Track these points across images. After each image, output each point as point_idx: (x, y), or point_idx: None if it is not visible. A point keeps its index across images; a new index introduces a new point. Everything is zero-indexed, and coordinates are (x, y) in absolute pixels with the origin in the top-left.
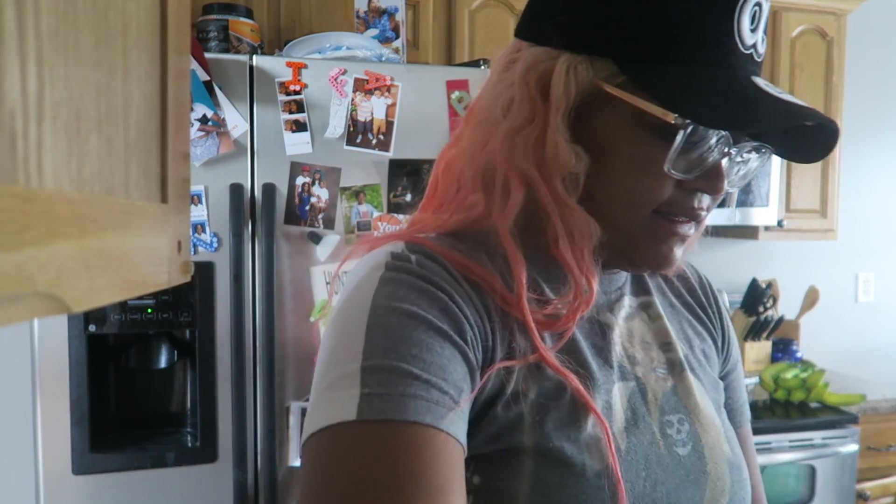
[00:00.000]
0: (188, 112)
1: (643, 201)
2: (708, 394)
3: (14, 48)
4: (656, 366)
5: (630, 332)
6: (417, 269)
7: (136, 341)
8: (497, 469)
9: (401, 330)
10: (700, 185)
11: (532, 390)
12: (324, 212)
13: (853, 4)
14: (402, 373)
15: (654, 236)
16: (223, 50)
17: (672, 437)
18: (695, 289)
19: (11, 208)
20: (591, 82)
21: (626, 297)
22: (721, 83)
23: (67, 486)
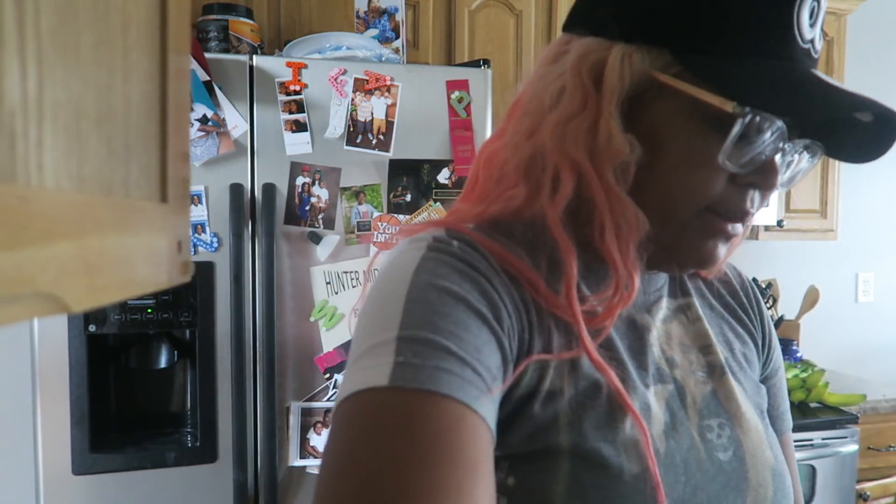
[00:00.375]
0: (188, 112)
1: (696, 195)
2: (749, 398)
3: (14, 48)
4: (696, 369)
5: (668, 335)
6: (459, 252)
7: (136, 341)
8: (533, 470)
9: (440, 306)
10: (753, 179)
11: (569, 389)
12: (324, 212)
13: (853, 4)
14: (439, 346)
15: (702, 233)
16: (223, 50)
17: (712, 441)
18: (736, 290)
19: (11, 208)
20: (645, 72)
21: (664, 298)
22: (781, 73)
23: (67, 486)
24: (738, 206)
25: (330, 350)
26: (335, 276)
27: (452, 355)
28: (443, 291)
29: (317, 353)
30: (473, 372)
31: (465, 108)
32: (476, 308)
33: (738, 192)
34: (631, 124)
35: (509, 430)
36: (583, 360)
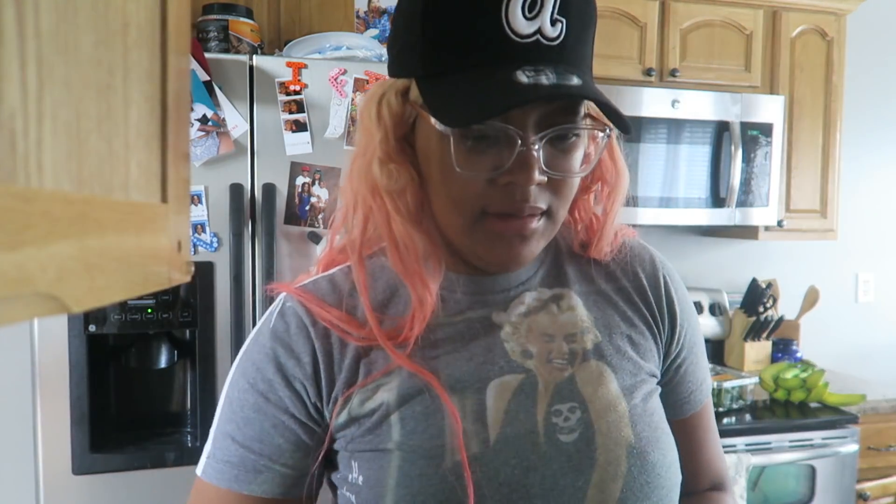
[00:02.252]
0: (188, 112)
1: (462, 202)
2: (619, 380)
3: (14, 48)
4: (554, 357)
5: (528, 328)
6: (274, 328)
7: (136, 341)
8: (372, 467)
9: (237, 405)
10: (509, 178)
11: (393, 397)
12: (324, 212)
13: (853, 4)
14: (229, 441)
15: (487, 237)
16: (223, 50)
17: (558, 425)
18: (636, 274)
19: (11, 208)
20: (404, 104)
21: (529, 293)
22: (469, 83)
23: (67, 486)
24: (507, 204)
25: None
26: None
27: (239, 446)
28: (240, 387)
29: None
30: (255, 455)
31: None
32: (265, 397)
33: (502, 192)
34: (414, 151)
35: (351, 443)
36: (403, 372)
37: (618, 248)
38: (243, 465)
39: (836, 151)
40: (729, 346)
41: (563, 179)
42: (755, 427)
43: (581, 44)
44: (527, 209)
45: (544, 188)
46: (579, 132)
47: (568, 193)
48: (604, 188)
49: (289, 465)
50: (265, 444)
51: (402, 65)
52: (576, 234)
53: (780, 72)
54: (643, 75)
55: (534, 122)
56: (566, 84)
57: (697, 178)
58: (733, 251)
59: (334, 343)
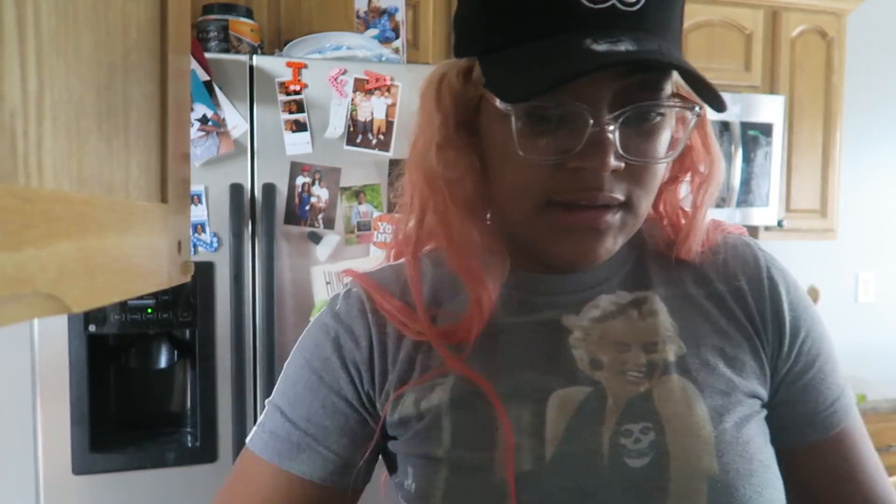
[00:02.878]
0: (188, 112)
1: (523, 192)
2: (704, 399)
3: (14, 48)
4: (629, 369)
5: (601, 334)
6: (337, 314)
7: (136, 341)
8: (423, 476)
9: (294, 381)
10: (579, 162)
11: (447, 399)
12: (324, 212)
13: (853, 4)
14: (279, 415)
15: (553, 230)
16: (223, 50)
17: (626, 446)
18: (734, 277)
19: (11, 208)
20: (466, 84)
21: (605, 295)
22: (533, 54)
23: (67, 486)
24: (577, 192)
25: None
26: (335, 276)
27: (286, 421)
28: (296, 363)
29: None
30: (300, 432)
31: None
32: (319, 375)
33: (571, 178)
34: (478, 138)
35: (405, 445)
36: (456, 375)
37: (713, 247)
38: (288, 441)
39: (836, 151)
40: None
41: (645, 166)
42: None
43: (666, 9)
44: (600, 199)
45: (622, 176)
46: (664, 111)
47: (650, 183)
48: (694, 178)
49: (332, 450)
50: (312, 424)
51: (464, 42)
52: (661, 231)
53: (780, 72)
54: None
55: (609, 100)
56: (646, 51)
57: None
58: None
59: (390, 334)
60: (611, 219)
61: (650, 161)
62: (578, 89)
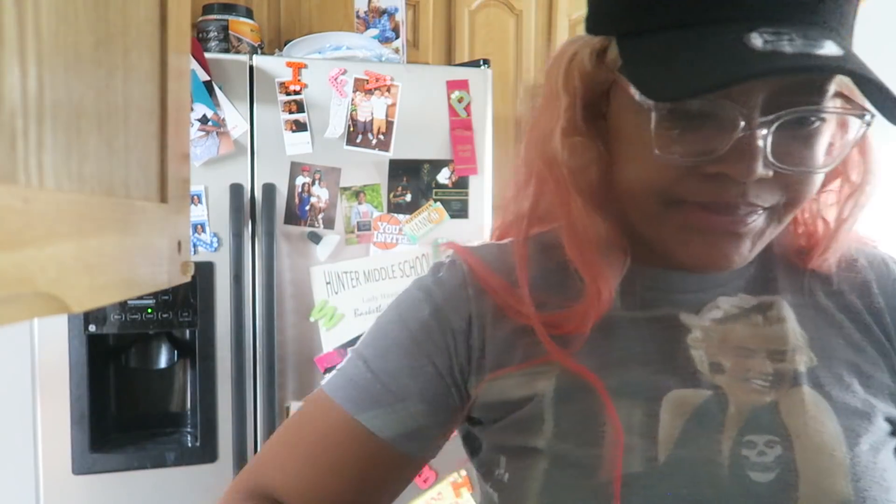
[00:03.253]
0: (188, 112)
1: (651, 189)
2: (838, 417)
3: (14, 48)
4: (753, 376)
5: (723, 337)
6: (435, 284)
7: (136, 341)
8: (519, 467)
9: (386, 332)
10: (721, 168)
11: (552, 389)
12: (324, 212)
13: None
14: (362, 364)
15: (682, 230)
16: (223, 50)
17: (749, 458)
18: (871, 291)
19: (11, 208)
20: (599, 66)
21: (726, 297)
22: (684, 45)
23: (67, 486)
24: (718, 196)
25: (330, 350)
26: (335, 276)
27: (368, 371)
28: (390, 318)
29: (317, 353)
30: (381, 386)
31: (465, 108)
32: (413, 337)
33: (711, 183)
34: (605, 122)
35: (498, 433)
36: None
37: (848, 259)
38: (366, 391)
39: None
40: None
41: (797, 175)
42: None
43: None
44: (741, 207)
45: (769, 183)
46: (826, 116)
47: (802, 193)
48: (843, 187)
49: (409, 412)
50: (394, 380)
51: (602, 18)
52: (794, 238)
53: None
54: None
55: (763, 100)
56: (816, 53)
57: None
58: None
59: (490, 312)
60: (752, 223)
61: (804, 171)
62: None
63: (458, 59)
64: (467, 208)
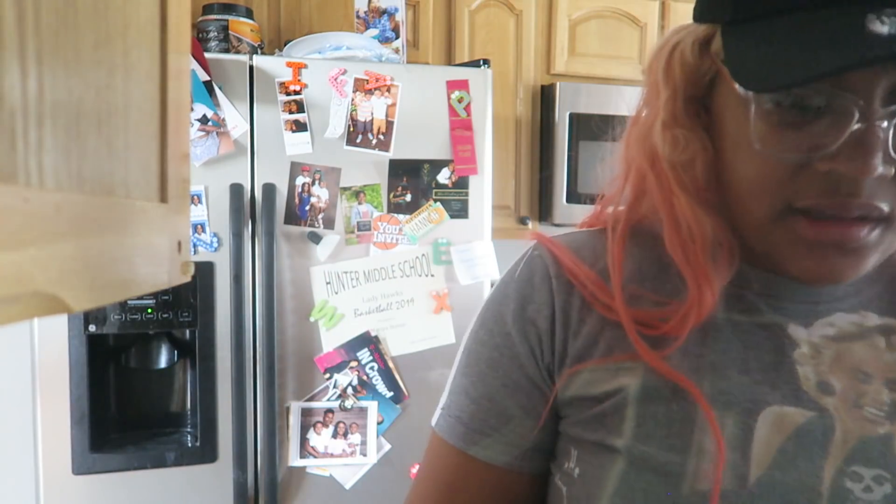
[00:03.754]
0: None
1: (759, 193)
2: None
3: (14, 48)
4: (867, 403)
5: (836, 356)
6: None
7: (136, 341)
8: (592, 464)
9: (476, 356)
10: (833, 164)
11: (637, 386)
12: (324, 212)
13: None
14: (462, 395)
15: (790, 241)
16: (223, 50)
17: (853, 492)
18: None
19: (11, 208)
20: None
21: (843, 314)
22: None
23: (67, 486)
24: (825, 198)
25: (330, 350)
26: (335, 276)
27: (471, 402)
28: (478, 338)
29: (317, 353)
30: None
31: (465, 107)
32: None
33: (820, 181)
34: (710, 116)
35: (574, 426)
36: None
37: None
38: (472, 424)
39: None
40: None
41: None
42: None
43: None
44: (855, 209)
45: (888, 184)
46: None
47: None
48: None
49: (517, 432)
50: (494, 404)
51: (708, 5)
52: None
53: None
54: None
55: (883, 91)
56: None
57: None
58: None
59: (575, 303)
60: (866, 235)
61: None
62: (844, 76)
63: (458, 59)
64: (467, 208)
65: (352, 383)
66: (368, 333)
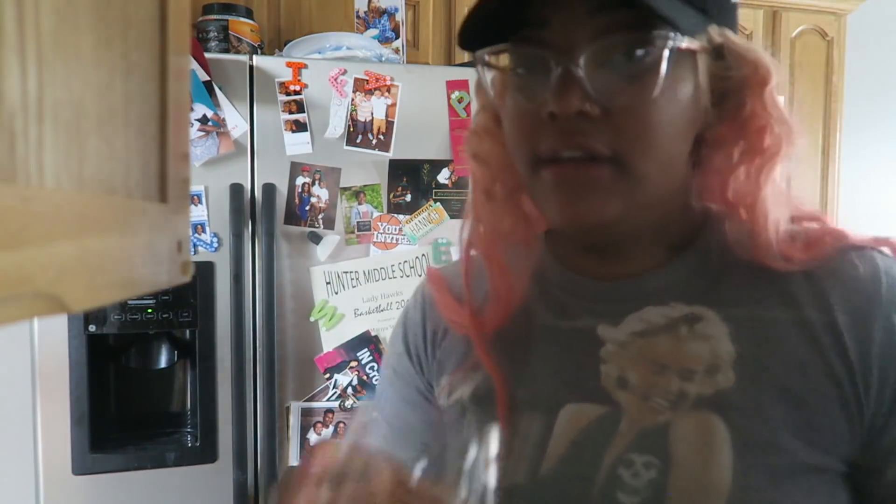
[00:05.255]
0: (188, 112)
1: (517, 152)
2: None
3: (14, 48)
4: (655, 394)
5: (639, 350)
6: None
7: (136, 341)
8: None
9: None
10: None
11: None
12: (324, 212)
13: (853, 4)
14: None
15: (544, 189)
16: (223, 50)
17: (621, 478)
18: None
19: (11, 208)
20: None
21: (654, 307)
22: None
23: (67, 486)
24: (552, 141)
25: (330, 350)
26: (335, 276)
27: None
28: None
29: (317, 353)
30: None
31: (465, 108)
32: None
33: (549, 128)
34: None
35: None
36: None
37: (821, 259)
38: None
39: (836, 151)
40: None
41: (632, 114)
42: None
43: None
44: (576, 148)
45: (603, 126)
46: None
47: (638, 133)
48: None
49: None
50: (399, 419)
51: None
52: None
53: None
54: None
55: (585, 44)
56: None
57: None
58: None
59: (441, 325)
60: (598, 173)
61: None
62: (547, 36)
63: (458, 59)
64: None
65: (352, 383)
66: (368, 333)
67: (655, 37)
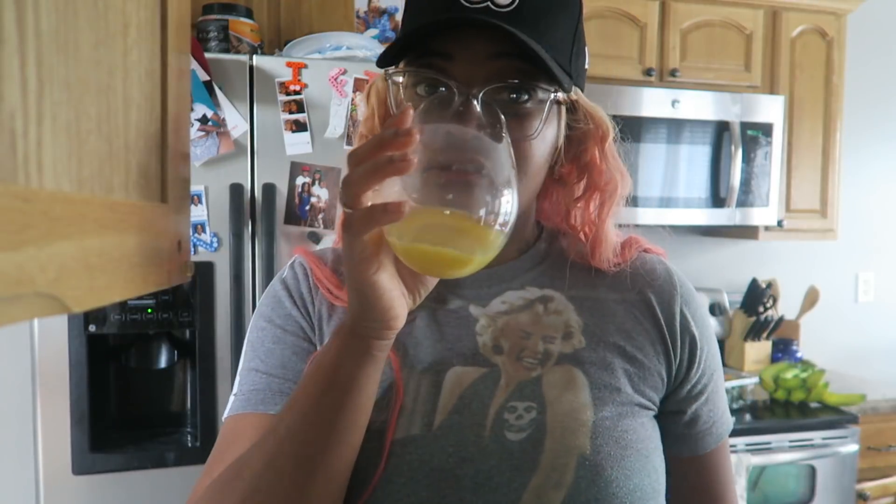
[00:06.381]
0: (188, 112)
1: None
2: (591, 390)
3: (14, 48)
4: (526, 355)
5: (506, 323)
6: (281, 283)
7: (136, 341)
8: None
9: (257, 339)
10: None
11: None
12: (324, 212)
13: (853, 4)
14: (253, 374)
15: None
16: (223, 50)
17: (508, 421)
18: (643, 289)
19: (11, 208)
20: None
21: (513, 292)
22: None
23: (67, 486)
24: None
25: None
26: None
27: (263, 374)
28: (257, 328)
29: None
30: (280, 379)
31: None
32: (283, 328)
33: None
34: None
35: None
36: None
37: (629, 260)
38: (269, 389)
39: (836, 151)
40: (729, 346)
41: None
42: (755, 427)
43: (541, 17)
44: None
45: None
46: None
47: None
48: (596, 195)
49: None
50: (288, 369)
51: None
52: (580, 243)
53: (780, 72)
54: (643, 75)
55: (482, 80)
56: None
57: (697, 178)
58: (733, 251)
59: (324, 302)
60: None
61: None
62: (451, 69)
63: None
64: None
65: None
66: None
67: (543, 88)
